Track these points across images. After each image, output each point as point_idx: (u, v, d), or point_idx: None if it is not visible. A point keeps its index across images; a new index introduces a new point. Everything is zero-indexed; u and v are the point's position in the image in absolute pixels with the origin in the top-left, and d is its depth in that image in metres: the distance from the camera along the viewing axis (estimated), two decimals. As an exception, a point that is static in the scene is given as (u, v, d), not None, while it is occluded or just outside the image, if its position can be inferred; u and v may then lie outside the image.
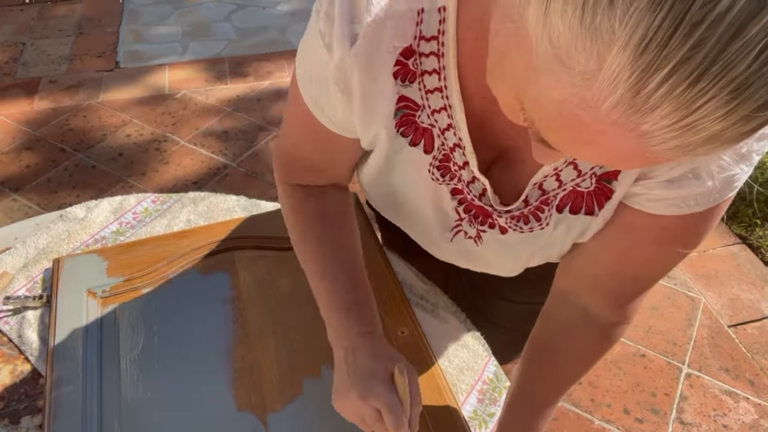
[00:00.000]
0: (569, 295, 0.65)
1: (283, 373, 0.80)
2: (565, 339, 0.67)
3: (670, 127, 0.31)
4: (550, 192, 0.58)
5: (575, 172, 0.55)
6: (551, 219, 0.60)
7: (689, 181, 0.49)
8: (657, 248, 0.56)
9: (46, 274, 0.93)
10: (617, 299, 0.62)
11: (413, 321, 0.86)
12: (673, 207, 0.51)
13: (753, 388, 1.71)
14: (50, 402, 0.75)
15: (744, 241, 2.14)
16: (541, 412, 0.70)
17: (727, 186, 0.49)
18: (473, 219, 0.64)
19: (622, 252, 0.58)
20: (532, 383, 0.71)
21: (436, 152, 0.60)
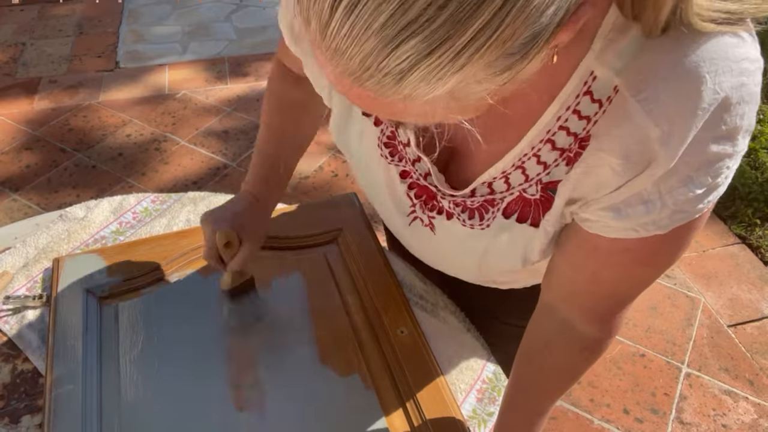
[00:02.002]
0: (552, 308, 0.65)
1: (283, 372, 0.81)
2: (547, 352, 0.67)
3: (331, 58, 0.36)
4: (497, 193, 0.58)
5: (523, 176, 0.55)
6: (494, 222, 0.59)
7: (636, 208, 0.48)
8: (625, 269, 0.55)
9: (46, 273, 0.93)
10: (597, 315, 0.61)
11: (413, 321, 0.86)
12: (631, 231, 0.50)
13: (752, 388, 1.71)
14: (50, 401, 0.75)
15: (744, 241, 2.14)
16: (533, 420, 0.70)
17: (686, 210, 0.48)
18: (424, 205, 0.65)
19: (592, 273, 0.58)
20: (520, 394, 0.70)
21: (383, 126, 0.63)
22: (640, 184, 0.47)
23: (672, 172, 0.46)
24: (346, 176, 2.29)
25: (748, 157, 2.45)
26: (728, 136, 0.44)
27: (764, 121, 2.61)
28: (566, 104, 0.49)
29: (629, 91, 0.44)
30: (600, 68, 0.46)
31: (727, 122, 0.44)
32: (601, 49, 0.45)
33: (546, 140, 0.51)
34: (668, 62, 0.43)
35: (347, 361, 0.82)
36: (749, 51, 0.43)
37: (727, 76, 0.42)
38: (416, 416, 0.76)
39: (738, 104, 0.43)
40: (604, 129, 0.47)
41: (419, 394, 0.78)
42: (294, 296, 0.90)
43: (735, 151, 0.45)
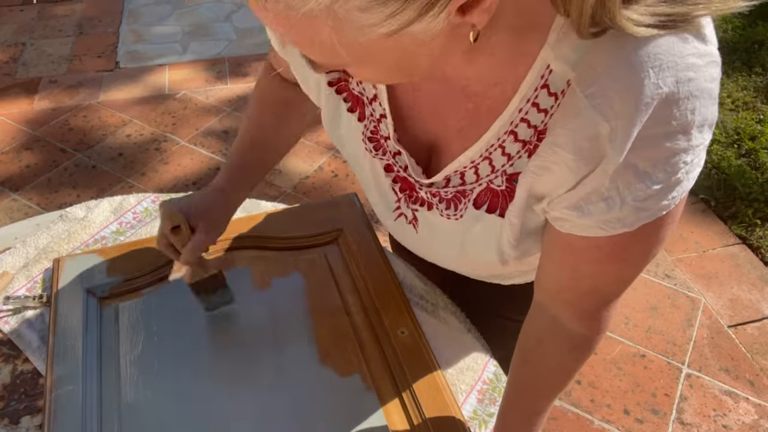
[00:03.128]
0: (543, 307, 0.66)
1: (283, 372, 0.80)
2: (540, 350, 0.67)
3: None
4: (468, 184, 0.59)
5: (490, 167, 0.56)
6: (467, 212, 0.61)
7: (596, 205, 0.49)
8: (602, 265, 0.56)
9: (46, 274, 0.93)
10: (582, 311, 0.62)
11: (413, 321, 0.86)
12: (598, 229, 0.51)
13: (753, 389, 1.71)
14: (50, 402, 0.75)
15: (744, 242, 2.14)
16: (531, 420, 0.70)
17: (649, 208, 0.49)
18: (408, 198, 0.67)
19: (571, 270, 0.59)
20: (517, 393, 0.71)
21: (367, 122, 0.64)
22: (596, 180, 0.48)
23: (627, 167, 0.46)
24: (346, 176, 2.29)
25: (749, 157, 2.45)
26: (680, 131, 0.45)
27: (764, 122, 2.61)
28: (526, 97, 0.50)
29: (579, 86, 0.46)
30: (555, 62, 0.47)
31: (676, 117, 0.44)
32: (556, 42, 0.46)
33: (509, 132, 0.53)
34: (616, 58, 0.44)
35: (348, 362, 0.82)
36: (698, 47, 0.44)
37: (671, 71, 0.43)
38: (417, 417, 0.76)
39: (686, 99, 0.44)
40: (558, 123, 0.49)
41: (420, 394, 0.78)
42: (294, 296, 0.90)
43: (690, 146, 0.46)
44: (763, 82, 2.86)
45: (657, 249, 0.54)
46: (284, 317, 0.87)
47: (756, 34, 3.15)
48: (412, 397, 0.77)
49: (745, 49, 3.07)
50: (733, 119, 2.63)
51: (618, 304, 0.62)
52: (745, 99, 2.75)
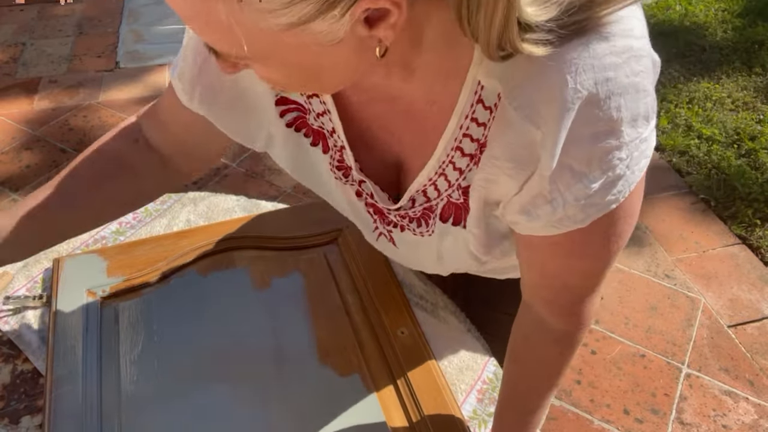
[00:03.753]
0: (527, 305, 0.67)
1: (284, 372, 0.81)
2: (526, 347, 0.68)
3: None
4: (432, 200, 0.60)
5: (446, 183, 0.58)
6: (435, 227, 0.62)
7: (542, 208, 0.50)
8: (564, 261, 0.57)
9: (46, 274, 0.93)
10: (559, 308, 0.63)
11: (413, 321, 0.86)
12: (550, 228, 0.52)
13: (753, 389, 1.71)
14: (50, 402, 0.75)
15: (744, 242, 2.14)
16: (525, 419, 0.71)
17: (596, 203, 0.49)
18: (381, 221, 0.68)
19: (539, 267, 0.60)
20: (512, 392, 0.72)
21: (332, 152, 0.65)
22: (537, 184, 0.49)
23: (562, 169, 0.47)
24: (346, 176, 2.29)
25: (748, 157, 2.45)
26: (609, 130, 0.45)
27: (764, 122, 2.61)
28: (464, 113, 0.51)
29: (507, 98, 0.47)
30: (484, 77, 0.48)
31: (601, 117, 0.45)
32: (480, 59, 0.47)
33: (456, 147, 0.54)
34: (535, 69, 0.45)
35: (347, 362, 0.82)
36: (615, 45, 0.44)
37: (589, 73, 0.44)
38: (417, 416, 0.76)
39: (608, 98, 0.44)
40: (494, 135, 0.50)
41: (419, 394, 0.78)
42: (294, 296, 0.90)
43: (622, 143, 0.46)
44: (763, 82, 2.86)
45: (619, 243, 0.55)
46: (284, 317, 0.87)
47: (756, 34, 3.15)
48: (411, 397, 0.78)
49: (745, 49, 3.07)
50: (733, 119, 2.63)
51: (597, 299, 0.63)
52: (745, 99, 2.75)
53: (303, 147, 0.66)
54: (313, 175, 0.69)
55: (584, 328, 0.64)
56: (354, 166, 0.63)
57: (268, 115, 0.64)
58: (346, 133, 0.61)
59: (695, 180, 2.36)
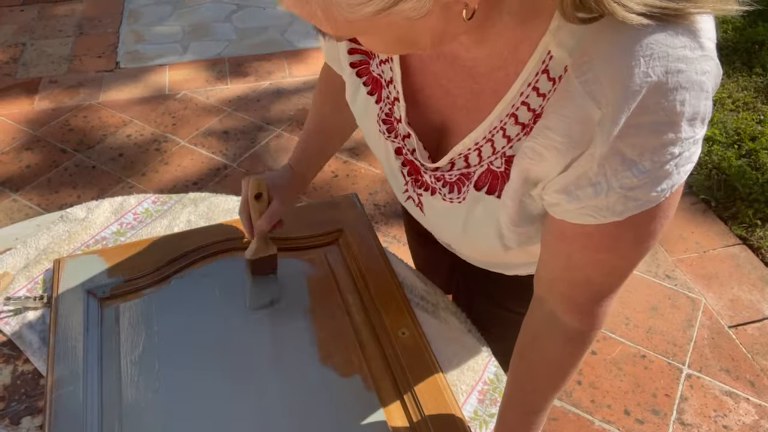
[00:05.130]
0: (540, 301, 0.66)
1: (284, 373, 0.80)
2: (536, 345, 0.68)
3: None
4: (472, 166, 0.61)
5: (491, 149, 0.58)
6: (468, 195, 0.62)
7: (585, 190, 0.50)
8: (592, 254, 0.57)
9: (46, 274, 0.93)
10: (576, 305, 0.62)
11: (414, 322, 0.86)
12: (588, 216, 0.52)
13: (753, 389, 1.71)
14: (51, 402, 0.75)
15: (744, 242, 2.14)
16: (530, 419, 0.70)
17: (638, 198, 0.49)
18: (414, 183, 0.69)
19: (564, 258, 0.60)
20: (517, 391, 0.71)
21: (383, 104, 0.67)
22: (584, 164, 0.49)
23: (614, 154, 0.47)
24: (346, 176, 2.29)
25: (749, 157, 2.45)
26: (669, 122, 0.45)
27: (764, 122, 2.61)
28: (528, 81, 0.51)
29: (575, 72, 0.46)
30: (555, 47, 0.48)
31: (665, 107, 0.44)
32: (557, 28, 0.47)
33: (511, 114, 0.54)
34: (609, 45, 0.45)
35: (348, 362, 0.82)
36: (691, 41, 0.44)
37: (662, 61, 0.43)
38: (417, 417, 0.76)
39: (675, 90, 0.44)
40: (553, 107, 0.50)
41: (420, 394, 0.78)
42: (295, 297, 0.90)
43: (678, 138, 0.46)
44: (763, 82, 2.86)
45: (649, 243, 0.55)
46: (285, 317, 0.87)
47: (756, 34, 3.15)
48: (412, 398, 0.77)
49: (745, 50, 3.07)
50: (733, 119, 2.63)
51: (613, 302, 0.63)
52: (746, 99, 2.75)
53: (359, 92, 0.70)
54: (365, 120, 0.72)
55: (597, 329, 0.64)
56: (404, 119, 0.64)
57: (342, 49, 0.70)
58: (402, 85, 0.63)
59: (695, 180, 2.36)
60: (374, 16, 0.42)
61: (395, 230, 2.06)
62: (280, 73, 2.88)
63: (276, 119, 2.59)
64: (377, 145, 0.71)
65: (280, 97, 2.72)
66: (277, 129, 2.53)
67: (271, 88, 2.78)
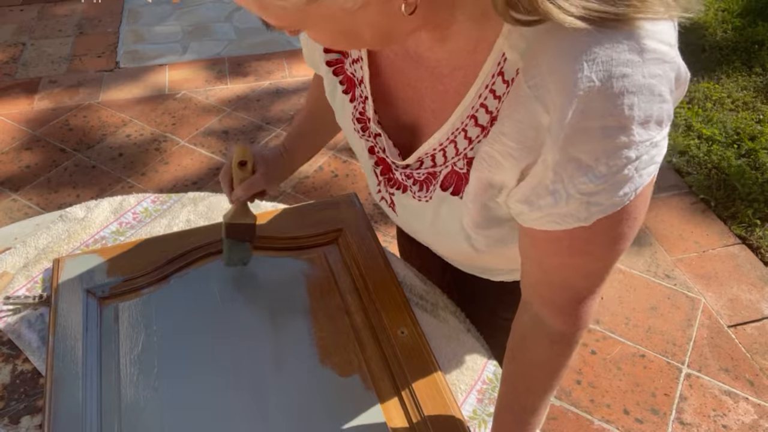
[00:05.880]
0: (526, 305, 0.66)
1: (283, 373, 0.81)
2: (523, 347, 0.68)
3: None
4: (438, 166, 0.61)
5: (454, 150, 0.58)
6: (434, 194, 0.63)
7: (544, 199, 0.50)
8: (565, 258, 0.57)
9: (46, 274, 0.93)
10: (558, 307, 0.63)
11: (413, 321, 0.86)
12: (553, 223, 0.52)
13: (752, 389, 1.71)
14: (50, 401, 0.75)
15: (744, 242, 2.14)
16: (524, 419, 0.70)
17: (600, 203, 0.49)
18: (387, 183, 0.69)
19: (538, 262, 0.60)
20: (510, 392, 0.71)
21: (356, 102, 0.68)
22: (540, 172, 0.49)
23: (569, 160, 0.47)
24: (346, 176, 2.29)
25: (748, 157, 2.45)
26: (618, 126, 0.45)
27: (764, 122, 2.61)
28: (485, 83, 0.52)
29: (524, 75, 0.47)
30: (508, 50, 0.48)
31: (612, 112, 0.44)
32: (510, 31, 0.48)
33: (471, 116, 0.55)
34: (555, 48, 0.45)
35: (348, 362, 0.82)
36: (637, 44, 0.44)
37: (605, 65, 0.43)
38: (416, 416, 0.76)
39: (621, 94, 0.44)
40: (506, 111, 0.50)
41: (419, 394, 0.78)
42: (294, 296, 0.90)
43: (632, 141, 0.45)
44: (763, 82, 2.86)
45: (621, 245, 0.54)
46: (284, 317, 0.87)
47: (756, 34, 3.15)
48: (411, 397, 0.78)
49: (745, 49, 3.07)
50: (733, 119, 2.63)
51: (596, 302, 0.63)
52: (745, 99, 2.75)
53: (336, 90, 0.71)
54: (342, 119, 0.73)
55: (582, 329, 0.64)
56: (372, 118, 0.65)
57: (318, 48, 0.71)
58: (372, 85, 0.64)
59: (695, 180, 2.36)
60: (306, 5, 0.42)
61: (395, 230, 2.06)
62: (280, 73, 2.88)
63: (276, 119, 2.59)
64: (355, 144, 0.72)
65: (279, 96, 2.72)
66: (277, 129, 2.53)
67: (271, 87, 2.78)
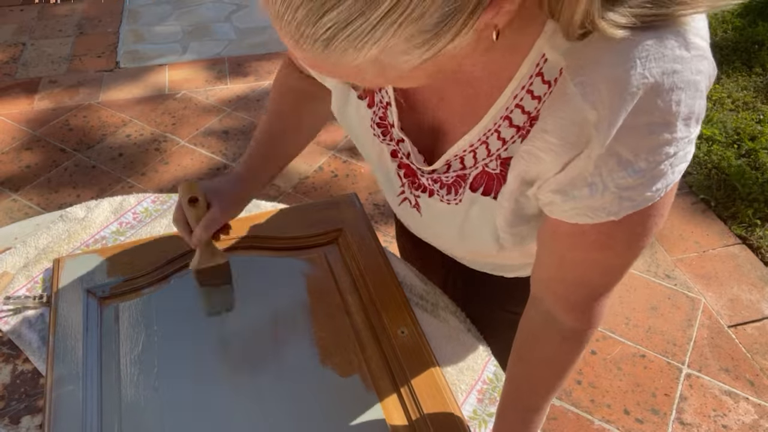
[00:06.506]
0: (537, 301, 0.66)
1: (284, 373, 0.81)
2: (533, 344, 0.68)
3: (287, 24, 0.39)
4: (467, 168, 0.61)
5: (486, 151, 0.58)
6: (464, 196, 0.62)
7: (580, 190, 0.50)
8: (587, 253, 0.57)
9: (46, 274, 0.93)
10: (572, 304, 0.63)
11: (413, 321, 0.86)
12: (583, 216, 0.52)
13: (753, 389, 1.71)
14: (50, 402, 0.75)
15: (744, 242, 2.14)
16: (528, 417, 0.70)
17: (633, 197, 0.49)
18: (411, 185, 0.69)
19: (559, 257, 0.60)
20: (514, 389, 0.71)
21: (376, 108, 0.66)
22: (581, 165, 0.49)
23: (610, 155, 0.47)
24: (346, 176, 2.29)
25: (749, 157, 2.45)
26: (664, 122, 0.45)
27: (764, 122, 2.61)
28: (522, 84, 0.52)
29: (570, 74, 0.47)
30: (550, 51, 0.48)
31: (660, 108, 0.45)
32: (552, 32, 0.48)
33: (505, 117, 0.54)
34: (605, 48, 0.45)
35: (348, 362, 0.82)
36: (685, 41, 0.45)
37: (658, 62, 0.44)
38: (417, 417, 0.76)
39: (671, 90, 0.44)
40: (549, 110, 0.50)
41: (420, 394, 0.78)
42: (294, 296, 0.90)
43: (674, 138, 0.46)
44: (763, 82, 2.86)
45: (644, 242, 0.55)
46: (284, 317, 0.87)
47: (756, 34, 3.15)
48: (412, 397, 0.78)
49: (745, 49, 3.07)
50: (733, 119, 2.63)
51: (610, 301, 0.63)
52: (745, 99, 2.75)
53: (349, 96, 0.69)
54: (353, 126, 0.71)
55: (594, 327, 0.64)
56: (396, 124, 0.64)
57: None
58: (394, 90, 0.63)
59: (695, 180, 2.36)
60: (422, 63, 0.42)
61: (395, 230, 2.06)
62: (280, 72, 2.88)
63: (276, 119, 2.58)
64: (370, 150, 0.71)
65: (279, 96, 2.72)
66: (277, 129, 2.53)
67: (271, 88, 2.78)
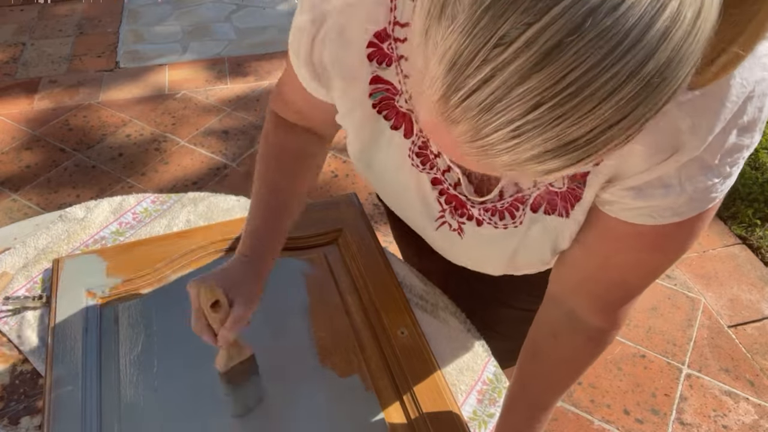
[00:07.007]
0: (559, 300, 0.66)
1: (284, 373, 0.80)
2: (553, 343, 0.67)
3: (468, 143, 0.35)
4: (525, 190, 0.59)
5: None
6: (525, 218, 0.61)
7: (656, 190, 0.50)
8: (636, 255, 0.57)
9: (45, 274, 0.93)
10: (604, 305, 0.62)
11: (413, 321, 0.86)
12: (647, 217, 0.52)
13: (753, 389, 1.71)
14: (50, 402, 0.75)
15: (744, 242, 2.14)
16: (536, 416, 0.70)
17: (702, 198, 0.50)
18: (454, 211, 0.66)
19: (603, 258, 0.59)
20: (525, 387, 0.71)
21: (414, 138, 0.63)
22: (664, 168, 0.49)
23: (695, 159, 0.47)
24: (346, 176, 2.28)
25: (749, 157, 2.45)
26: (748, 128, 0.46)
27: (764, 122, 2.61)
28: None
29: None
30: None
31: (748, 113, 0.45)
32: None
33: None
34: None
35: (347, 362, 0.82)
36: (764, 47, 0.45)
37: (754, 70, 0.44)
38: (417, 417, 0.76)
39: (759, 97, 0.45)
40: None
41: (419, 395, 0.78)
42: (294, 297, 0.90)
43: (752, 143, 0.47)
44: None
45: (692, 243, 0.55)
46: (284, 317, 0.87)
47: (756, 34, 3.15)
48: (411, 398, 0.77)
49: (745, 49, 3.07)
50: (733, 119, 2.63)
51: (637, 302, 0.63)
52: (745, 99, 2.75)
53: (379, 127, 0.64)
54: (384, 157, 0.66)
55: (619, 329, 0.64)
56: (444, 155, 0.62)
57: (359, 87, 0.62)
58: None
59: (695, 180, 2.36)
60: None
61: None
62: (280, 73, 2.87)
63: (276, 119, 2.58)
64: (403, 179, 0.66)
65: (279, 96, 2.72)
66: (277, 129, 2.53)
67: (271, 88, 2.77)
